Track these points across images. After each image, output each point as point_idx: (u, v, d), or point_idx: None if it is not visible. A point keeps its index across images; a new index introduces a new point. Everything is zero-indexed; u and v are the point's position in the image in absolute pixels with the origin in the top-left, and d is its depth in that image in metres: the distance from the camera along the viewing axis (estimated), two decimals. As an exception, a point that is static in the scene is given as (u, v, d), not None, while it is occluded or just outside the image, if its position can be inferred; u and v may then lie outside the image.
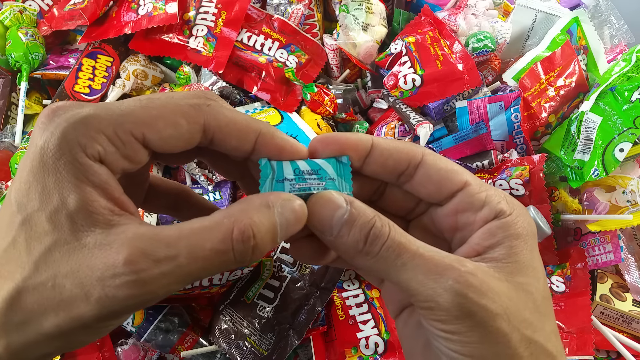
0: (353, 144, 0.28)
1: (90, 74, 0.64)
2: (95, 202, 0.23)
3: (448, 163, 0.28)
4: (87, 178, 0.23)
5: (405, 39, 0.66)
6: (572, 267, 0.57)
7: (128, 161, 0.25)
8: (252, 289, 0.51)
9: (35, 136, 0.23)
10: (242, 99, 0.66)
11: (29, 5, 0.68)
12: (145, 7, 0.64)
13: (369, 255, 0.25)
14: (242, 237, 0.23)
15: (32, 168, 0.23)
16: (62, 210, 0.22)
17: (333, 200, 0.26)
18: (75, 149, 0.23)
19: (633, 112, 0.61)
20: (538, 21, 0.72)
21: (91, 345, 0.51)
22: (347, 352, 0.50)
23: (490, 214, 0.26)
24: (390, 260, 0.25)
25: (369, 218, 0.25)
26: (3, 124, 0.63)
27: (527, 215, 0.27)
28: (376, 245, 0.25)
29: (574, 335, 0.51)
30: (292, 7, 0.68)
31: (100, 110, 0.24)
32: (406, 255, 0.24)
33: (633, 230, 0.63)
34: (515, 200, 0.27)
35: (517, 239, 0.25)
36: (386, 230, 0.25)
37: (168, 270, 0.22)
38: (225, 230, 0.23)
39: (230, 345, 0.48)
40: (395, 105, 0.65)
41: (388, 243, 0.25)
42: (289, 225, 0.25)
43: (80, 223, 0.22)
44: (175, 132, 0.25)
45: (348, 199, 0.26)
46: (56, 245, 0.22)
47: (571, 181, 0.61)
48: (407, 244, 0.25)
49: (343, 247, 0.26)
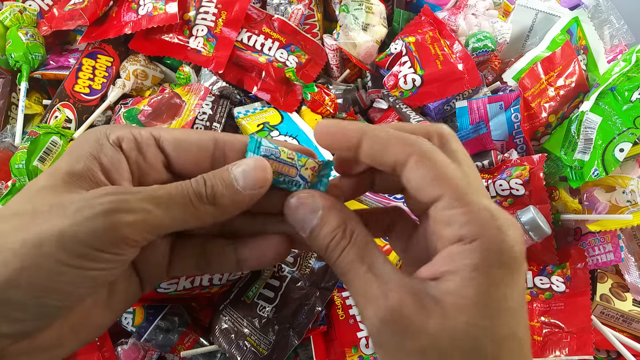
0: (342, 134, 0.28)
1: (91, 74, 0.64)
2: (96, 174, 0.26)
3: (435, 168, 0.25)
4: (99, 156, 0.27)
5: (405, 39, 0.67)
6: (572, 267, 0.57)
7: (142, 156, 0.29)
8: (252, 289, 0.51)
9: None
10: (242, 99, 0.66)
11: (29, 5, 0.68)
12: (145, 7, 0.64)
13: (329, 261, 0.27)
14: (196, 179, 0.27)
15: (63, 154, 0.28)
16: (63, 169, 0.26)
17: (307, 203, 0.28)
18: (101, 134, 0.28)
19: (633, 112, 0.61)
20: (538, 21, 0.72)
21: (91, 345, 0.51)
22: (347, 352, 0.50)
23: (454, 236, 0.24)
24: (341, 273, 0.26)
25: (333, 227, 0.27)
26: (3, 124, 0.63)
27: (509, 239, 0.23)
28: (334, 255, 0.26)
29: (574, 335, 0.51)
30: (292, 7, 0.68)
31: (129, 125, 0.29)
32: (351, 273, 0.26)
33: (633, 230, 0.63)
34: (502, 219, 0.24)
35: (476, 270, 0.23)
36: (344, 244, 0.26)
37: (141, 197, 0.25)
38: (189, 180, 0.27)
39: (230, 345, 0.48)
40: (395, 105, 0.65)
41: (342, 257, 0.26)
42: (246, 173, 0.27)
43: (75, 180, 0.25)
44: (186, 136, 0.30)
45: (323, 204, 0.27)
46: (45, 188, 0.25)
47: (571, 181, 0.61)
48: (355, 262, 0.26)
49: (314, 249, 0.28)
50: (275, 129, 0.62)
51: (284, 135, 0.61)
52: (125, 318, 0.51)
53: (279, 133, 0.61)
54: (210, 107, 0.61)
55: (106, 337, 0.52)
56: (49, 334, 0.26)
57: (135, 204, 0.24)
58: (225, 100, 0.64)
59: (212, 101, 0.62)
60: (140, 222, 0.24)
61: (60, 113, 0.61)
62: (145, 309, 0.51)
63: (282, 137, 0.61)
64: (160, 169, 0.30)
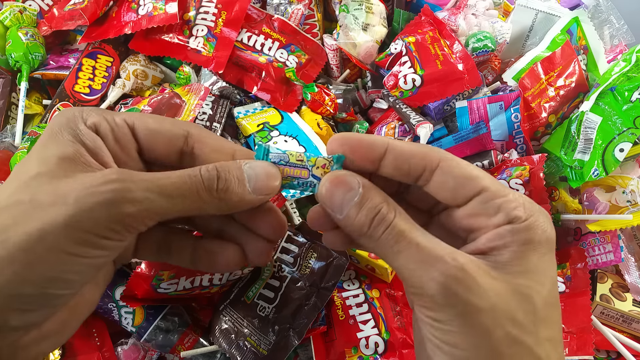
0: (366, 147, 0.28)
1: (91, 74, 0.64)
2: (86, 156, 0.26)
3: (467, 168, 0.28)
4: (83, 140, 0.26)
5: (405, 39, 0.66)
6: (572, 267, 0.57)
7: (119, 146, 0.28)
8: (252, 289, 0.51)
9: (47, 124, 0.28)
10: (242, 99, 0.66)
11: (29, 5, 0.68)
12: (145, 7, 0.64)
13: (372, 238, 0.27)
14: (207, 168, 0.27)
15: (37, 141, 0.27)
16: (54, 155, 0.25)
17: (346, 181, 0.27)
18: (78, 119, 0.27)
19: (633, 112, 0.61)
20: (538, 21, 0.72)
21: (91, 345, 0.51)
22: (347, 352, 0.50)
23: (504, 220, 0.26)
24: (389, 246, 0.26)
25: (376, 203, 0.27)
26: (3, 124, 0.63)
27: (547, 222, 0.27)
28: (379, 229, 0.26)
29: (574, 335, 0.51)
30: (292, 7, 0.68)
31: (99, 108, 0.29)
32: (403, 243, 0.26)
33: (633, 230, 0.63)
34: (536, 206, 0.27)
35: (526, 244, 0.26)
36: (391, 217, 0.26)
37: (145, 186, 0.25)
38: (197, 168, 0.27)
39: (230, 345, 0.48)
40: (395, 105, 0.65)
41: (389, 229, 0.26)
42: (258, 177, 0.28)
43: (69, 164, 0.25)
44: (159, 127, 0.30)
45: (361, 182, 0.27)
46: (39, 175, 0.24)
47: (571, 181, 0.61)
48: (407, 232, 0.26)
49: (350, 228, 0.27)
50: (275, 129, 0.62)
51: (284, 135, 0.61)
52: (125, 318, 0.51)
53: (279, 133, 0.61)
54: (210, 107, 0.61)
55: (106, 337, 0.52)
56: (54, 321, 0.26)
57: (139, 193, 0.24)
58: (225, 100, 0.64)
59: (212, 101, 0.62)
60: (143, 211, 0.24)
61: (60, 113, 0.61)
62: (145, 309, 0.51)
63: (282, 137, 0.61)
64: (135, 157, 0.30)
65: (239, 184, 0.27)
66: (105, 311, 0.52)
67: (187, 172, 0.26)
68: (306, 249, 0.52)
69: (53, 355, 0.49)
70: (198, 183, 0.26)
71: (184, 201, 0.26)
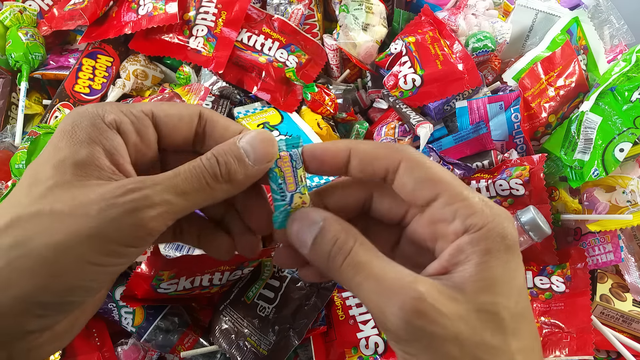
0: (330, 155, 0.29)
1: (91, 74, 0.64)
2: (101, 159, 0.26)
3: (426, 171, 0.27)
4: (99, 140, 0.26)
5: (405, 39, 0.66)
6: (572, 267, 0.57)
7: (140, 138, 0.28)
8: (252, 289, 0.51)
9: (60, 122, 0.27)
10: (242, 99, 0.66)
11: (29, 5, 0.68)
12: (145, 7, 0.64)
13: (333, 269, 0.26)
14: (207, 157, 0.27)
15: (50, 141, 0.26)
16: (68, 160, 0.25)
17: (309, 216, 0.28)
18: (95, 116, 0.26)
19: (633, 112, 0.61)
20: (538, 21, 0.72)
21: (91, 345, 0.51)
22: (347, 352, 0.50)
23: (460, 228, 0.25)
24: (349, 278, 0.26)
25: (335, 232, 0.27)
26: (3, 124, 0.63)
27: (507, 226, 0.25)
28: (338, 260, 0.26)
29: (574, 335, 0.51)
30: (292, 7, 0.68)
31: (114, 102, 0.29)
32: (362, 275, 0.25)
33: (633, 230, 0.63)
34: (496, 208, 0.26)
35: (487, 254, 0.24)
36: (349, 246, 0.26)
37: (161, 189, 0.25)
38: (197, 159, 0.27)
39: (230, 345, 0.48)
40: (395, 105, 0.65)
41: (348, 259, 0.26)
42: (255, 147, 0.28)
43: (84, 171, 0.25)
44: (177, 111, 0.29)
45: (323, 215, 0.27)
46: (56, 185, 0.24)
47: (571, 181, 0.61)
48: (366, 263, 0.25)
49: (315, 262, 0.27)
50: (275, 129, 0.62)
51: (283, 135, 0.61)
52: (125, 318, 0.51)
53: (279, 133, 0.61)
54: (210, 107, 0.62)
55: (106, 337, 0.52)
56: (66, 322, 0.26)
57: (157, 197, 0.24)
58: (225, 100, 0.64)
59: (212, 101, 0.62)
60: (164, 213, 0.25)
61: (60, 113, 0.61)
62: (145, 309, 0.51)
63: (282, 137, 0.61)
64: (154, 147, 0.30)
65: (238, 162, 0.27)
66: (105, 311, 0.52)
67: (190, 164, 0.27)
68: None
69: (53, 356, 0.49)
70: (204, 172, 0.26)
71: (197, 195, 0.26)
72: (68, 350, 0.51)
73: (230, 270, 0.48)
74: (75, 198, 0.24)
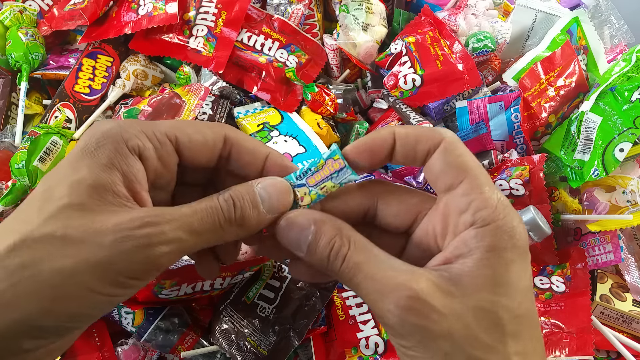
0: (378, 146, 0.28)
1: (91, 74, 0.64)
2: (118, 186, 0.25)
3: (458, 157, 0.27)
4: (120, 165, 0.25)
5: (405, 39, 0.66)
6: (572, 267, 0.57)
7: (161, 164, 0.28)
8: (252, 289, 0.51)
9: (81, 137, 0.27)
10: (242, 99, 0.66)
11: (29, 5, 0.68)
12: (145, 7, 0.64)
13: (333, 272, 0.27)
14: (224, 198, 0.27)
15: (69, 157, 0.26)
16: (86, 182, 0.24)
17: (298, 222, 0.28)
18: (119, 140, 0.26)
19: (633, 112, 0.61)
20: (538, 21, 0.72)
21: (91, 345, 0.51)
22: (347, 352, 0.50)
23: (469, 220, 0.25)
24: (348, 279, 0.26)
25: (329, 238, 0.27)
26: (3, 124, 0.63)
27: (517, 225, 0.25)
28: (336, 263, 0.26)
29: (574, 335, 0.51)
30: (292, 7, 0.68)
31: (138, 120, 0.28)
32: (359, 276, 0.25)
33: (633, 230, 0.63)
34: (510, 210, 0.25)
35: (491, 251, 0.24)
36: (345, 250, 0.26)
37: (176, 226, 0.24)
38: (214, 197, 0.27)
39: (230, 346, 0.48)
40: (395, 105, 0.65)
41: (345, 262, 0.26)
42: (271, 196, 0.28)
43: (100, 195, 0.24)
44: (202, 137, 0.29)
45: (313, 218, 0.27)
46: (70, 205, 0.24)
47: (571, 181, 0.61)
48: (362, 263, 0.26)
49: (315, 264, 0.28)
50: (275, 129, 0.62)
51: (283, 135, 0.61)
52: (125, 318, 0.51)
53: (279, 133, 0.61)
54: (210, 107, 0.61)
55: (106, 337, 0.52)
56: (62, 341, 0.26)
57: (171, 234, 0.24)
58: (225, 100, 0.64)
59: (212, 101, 0.62)
60: (175, 250, 0.25)
61: (60, 113, 0.61)
62: (145, 309, 0.51)
63: (282, 137, 0.61)
64: (173, 169, 0.29)
65: (253, 208, 0.27)
66: (106, 311, 0.52)
67: (208, 204, 0.26)
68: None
69: (53, 356, 0.49)
70: (219, 215, 0.26)
71: (209, 235, 0.26)
72: (68, 350, 0.51)
73: (232, 275, 0.48)
74: (89, 224, 0.23)
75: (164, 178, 0.29)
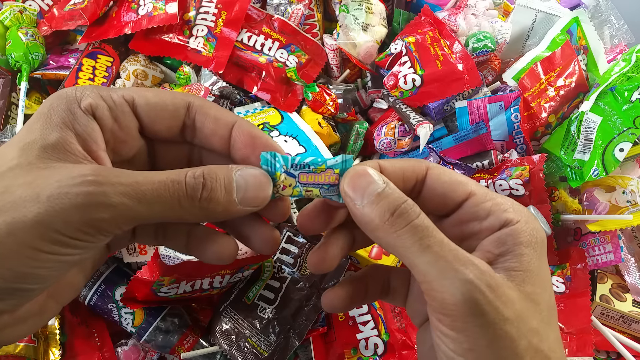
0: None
1: (91, 74, 0.64)
2: (72, 144, 0.25)
3: (452, 175, 0.28)
4: (72, 125, 0.25)
5: (405, 39, 0.66)
6: (572, 268, 0.57)
7: (118, 125, 0.27)
8: (252, 290, 0.51)
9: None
10: (242, 99, 0.66)
11: (29, 5, 0.68)
12: (145, 7, 0.64)
13: (394, 227, 0.25)
14: (194, 174, 0.25)
15: (28, 122, 0.25)
16: (37, 143, 0.24)
17: (369, 173, 0.26)
18: (71, 100, 0.26)
19: (633, 112, 0.61)
20: (538, 21, 0.72)
21: (91, 345, 0.51)
22: (346, 353, 0.50)
23: (497, 223, 0.27)
24: (415, 239, 0.24)
25: (402, 196, 0.26)
26: (3, 124, 0.63)
27: (535, 222, 0.27)
28: (403, 220, 0.25)
29: (573, 335, 0.51)
30: (292, 7, 0.68)
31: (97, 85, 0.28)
32: (432, 239, 0.24)
33: (633, 231, 0.63)
34: (522, 207, 0.27)
35: (527, 247, 0.26)
36: (417, 210, 0.25)
37: (122, 191, 0.23)
38: (183, 171, 0.25)
39: (231, 346, 0.48)
40: (395, 105, 0.65)
41: (417, 222, 0.25)
42: (248, 186, 0.26)
43: (51, 153, 0.24)
44: (160, 100, 0.28)
45: (385, 180, 0.27)
46: (18, 166, 0.23)
47: (571, 181, 0.61)
48: (433, 229, 0.25)
49: (367, 218, 0.26)
50: (276, 129, 0.62)
51: (284, 135, 0.61)
52: (125, 319, 0.51)
53: (279, 133, 0.61)
54: (210, 107, 0.61)
55: (106, 337, 0.52)
56: (30, 307, 0.25)
57: (115, 198, 0.23)
58: (225, 100, 0.64)
59: (212, 101, 0.62)
60: (118, 217, 0.23)
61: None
62: (145, 310, 0.51)
63: (282, 137, 0.61)
64: (135, 135, 0.29)
65: (225, 193, 0.25)
66: (105, 312, 0.52)
67: (171, 176, 0.25)
68: (306, 250, 0.52)
69: (53, 355, 0.49)
70: (181, 191, 0.24)
71: (163, 209, 0.24)
72: (68, 350, 0.51)
73: (231, 274, 0.48)
74: (33, 181, 0.22)
75: (126, 143, 0.28)
